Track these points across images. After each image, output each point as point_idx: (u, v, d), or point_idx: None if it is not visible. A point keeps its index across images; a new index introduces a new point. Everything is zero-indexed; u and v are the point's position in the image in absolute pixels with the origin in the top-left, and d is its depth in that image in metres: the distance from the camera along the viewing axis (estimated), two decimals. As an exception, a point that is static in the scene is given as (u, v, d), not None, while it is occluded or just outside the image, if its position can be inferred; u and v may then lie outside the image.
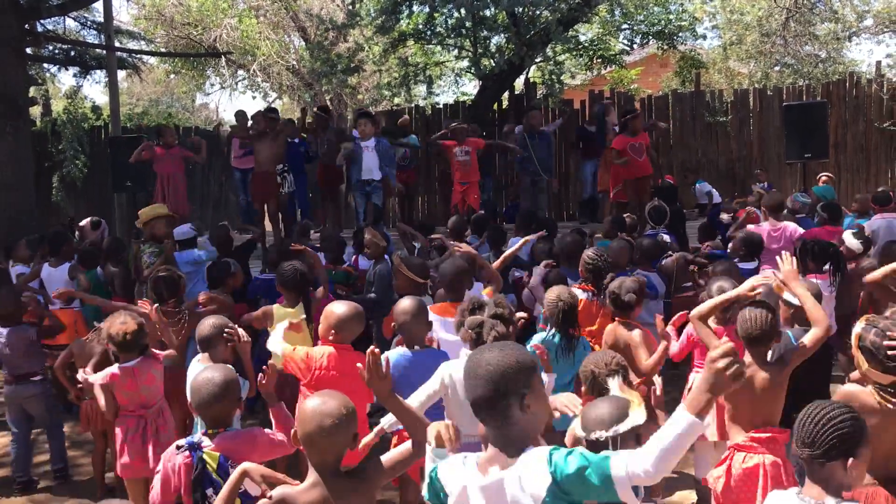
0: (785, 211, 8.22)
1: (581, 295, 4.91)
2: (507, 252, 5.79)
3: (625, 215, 7.90)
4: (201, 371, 3.22)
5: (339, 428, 2.38)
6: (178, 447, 3.01)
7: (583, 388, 3.42)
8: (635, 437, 2.44)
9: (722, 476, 3.44)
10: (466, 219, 8.18)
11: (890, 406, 2.83)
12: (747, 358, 3.52)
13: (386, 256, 6.29)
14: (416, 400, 3.37)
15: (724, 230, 7.49)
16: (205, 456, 2.95)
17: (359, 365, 2.58)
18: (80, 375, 4.19)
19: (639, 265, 6.03)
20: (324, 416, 2.37)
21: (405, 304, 3.90)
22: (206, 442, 3.01)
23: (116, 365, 4.05)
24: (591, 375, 3.31)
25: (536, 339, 4.18)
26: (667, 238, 6.73)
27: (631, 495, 1.94)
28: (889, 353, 2.83)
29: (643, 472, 1.88)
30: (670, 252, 6.51)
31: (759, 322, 3.48)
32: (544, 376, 2.33)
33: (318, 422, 2.37)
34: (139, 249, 6.80)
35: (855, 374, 3.14)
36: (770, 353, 3.54)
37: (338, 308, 3.88)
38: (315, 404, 2.42)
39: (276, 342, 3.99)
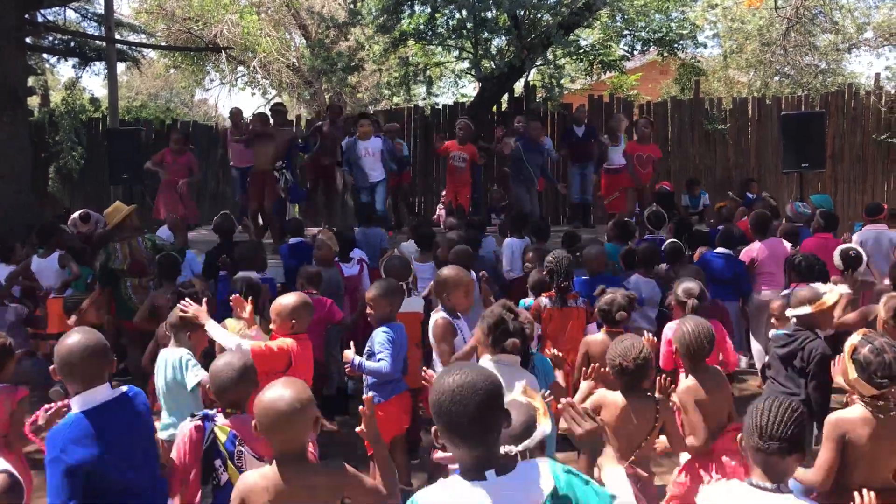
0: (784, 220, 8.19)
1: (545, 302, 5.03)
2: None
3: (625, 219, 7.88)
4: (221, 356, 3.24)
5: (296, 418, 2.43)
6: (192, 416, 3.04)
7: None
8: (541, 447, 2.39)
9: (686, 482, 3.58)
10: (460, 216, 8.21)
11: (881, 416, 2.98)
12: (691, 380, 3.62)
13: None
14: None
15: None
16: (216, 429, 2.98)
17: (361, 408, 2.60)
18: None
19: (637, 270, 6.03)
20: (279, 409, 2.42)
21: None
22: (221, 418, 3.02)
23: None
24: (619, 367, 3.32)
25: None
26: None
27: None
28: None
29: None
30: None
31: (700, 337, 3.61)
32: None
33: (275, 415, 2.42)
34: (145, 240, 6.56)
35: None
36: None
37: (287, 300, 4.02)
38: (271, 397, 2.46)
39: (225, 336, 3.97)
